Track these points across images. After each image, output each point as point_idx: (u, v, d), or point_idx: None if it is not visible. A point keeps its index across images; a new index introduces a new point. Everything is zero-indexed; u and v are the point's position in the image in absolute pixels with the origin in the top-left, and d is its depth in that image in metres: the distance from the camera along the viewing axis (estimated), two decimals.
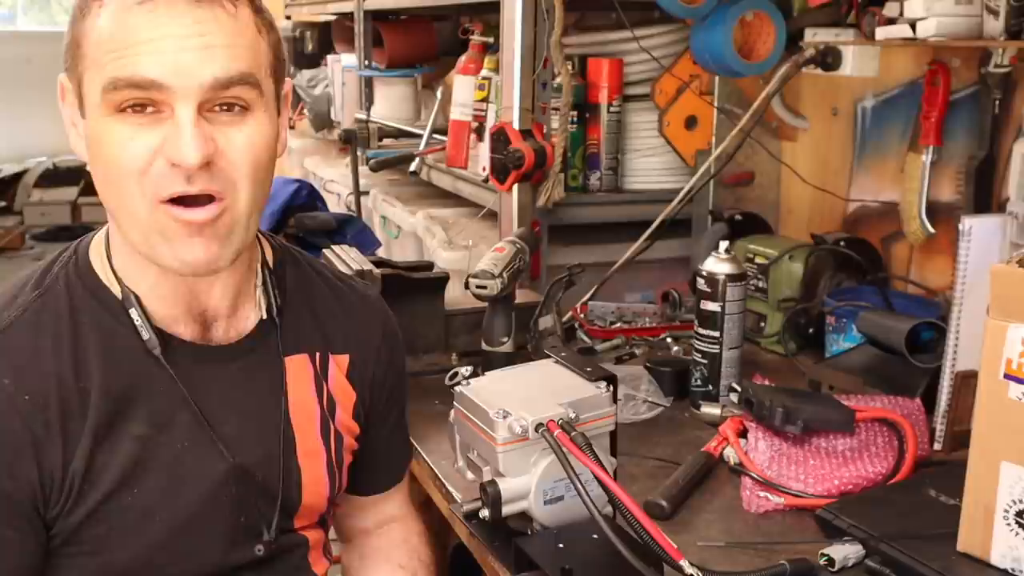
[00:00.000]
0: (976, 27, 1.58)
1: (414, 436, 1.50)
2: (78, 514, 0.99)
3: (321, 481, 1.14)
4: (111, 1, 0.93)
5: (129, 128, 0.93)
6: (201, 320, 1.06)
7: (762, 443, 1.35)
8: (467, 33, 2.60)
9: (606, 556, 1.00)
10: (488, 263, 1.67)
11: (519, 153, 1.98)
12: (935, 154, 1.79)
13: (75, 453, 0.98)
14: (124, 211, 0.97)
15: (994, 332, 1.02)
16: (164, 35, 0.91)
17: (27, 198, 6.79)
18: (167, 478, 1.02)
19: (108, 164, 0.95)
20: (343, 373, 1.17)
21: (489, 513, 1.08)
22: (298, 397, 1.12)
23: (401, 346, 1.27)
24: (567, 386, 1.15)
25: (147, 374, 1.02)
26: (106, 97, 0.92)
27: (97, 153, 0.96)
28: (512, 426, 1.06)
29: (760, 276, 1.88)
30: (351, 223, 2.50)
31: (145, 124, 0.93)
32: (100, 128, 0.94)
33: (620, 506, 0.98)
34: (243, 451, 1.06)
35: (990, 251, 1.35)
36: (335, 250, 1.75)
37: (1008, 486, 1.03)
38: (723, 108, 2.25)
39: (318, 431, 1.14)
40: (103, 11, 0.93)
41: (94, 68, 0.94)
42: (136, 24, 0.91)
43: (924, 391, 1.49)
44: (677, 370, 1.65)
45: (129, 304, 1.01)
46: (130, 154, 0.93)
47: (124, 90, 0.92)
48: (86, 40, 0.94)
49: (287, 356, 1.11)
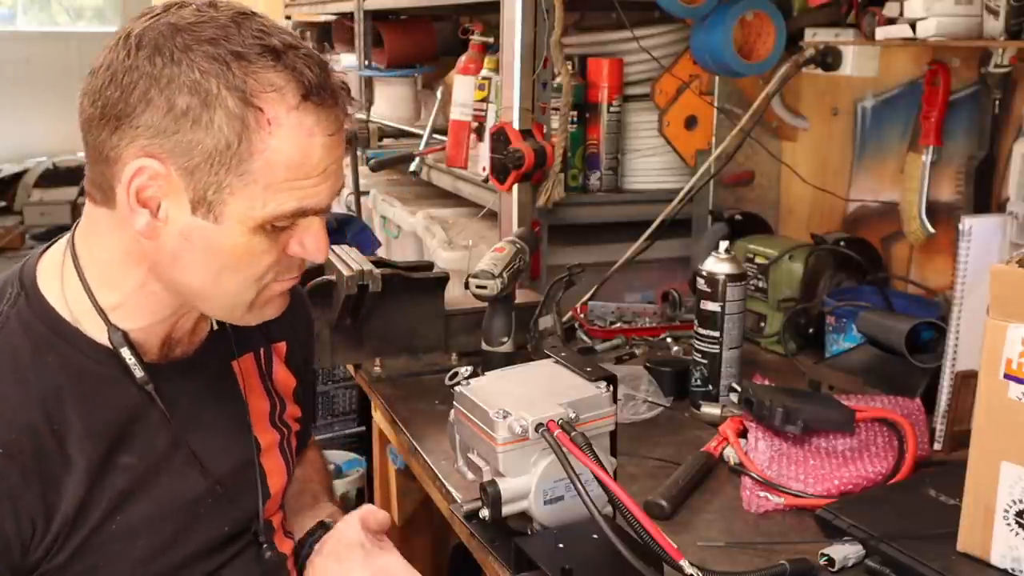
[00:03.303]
0: (976, 27, 1.58)
1: (414, 436, 1.50)
2: (65, 553, 0.97)
3: (281, 472, 1.18)
4: (286, 121, 0.91)
5: (267, 240, 0.96)
6: (168, 342, 1.07)
7: (762, 443, 1.35)
8: (467, 33, 2.59)
9: (606, 556, 1.00)
10: (488, 263, 1.67)
11: (519, 153, 1.98)
12: (935, 154, 1.79)
13: (61, 498, 0.96)
14: (219, 294, 0.99)
15: (994, 332, 1.02)
16: (335, 160, 0.96)
17: (27, 198, 6.79)
18: (151, 502, 1.02)
19: (236, 268, 0.97)
20: (282, 360, 1.21)
21: (489, 513, 1.08)
22: (253, 398, 1.15)
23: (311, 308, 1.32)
24: (567, 386, 1.15)
25: (127, 406, 1.01)
26: (274, 220, 0.94)
27: (217, 256, 0.95)
28: (512, 426, 1.06)
29: (760, 276, 1.88)
30: (351, 223, 2.50)
31: (281, 231, 0.97)
32: (242, 240, 0.94)
33: (620, 506, 0.98)
34: (218, 464, 1.08)
35: (990, 251, 1.35)
36: (335, 250, 1.74)
37: (1008, 486, 1.03)
38: (723, 108, 2.25)
39: (270, 426, 1.17)
40: (280, 132, 0.91)
41: (261, 187, 0.92)
42: (321, 155, 0.94)
43: (924, 391, 1.49)
44: (677, 370, 1.65)
45: (119, 343, 0.99)
46: (266, 262, 0.97)
47: (296, 218, 0.96)
48: (258, 156, 0.91)
49: (235, 360, 1.13)
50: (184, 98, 0.89)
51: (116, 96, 0.91)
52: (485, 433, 1.10)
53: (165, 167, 0.91)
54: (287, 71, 0.91)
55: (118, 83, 0.90)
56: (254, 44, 0.90)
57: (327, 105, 0.93)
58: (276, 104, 0.90)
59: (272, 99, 0.90)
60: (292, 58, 0.91)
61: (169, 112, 0.89)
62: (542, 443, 1.07)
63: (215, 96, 0.89)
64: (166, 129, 0.90)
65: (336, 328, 1.70)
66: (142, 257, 0.98)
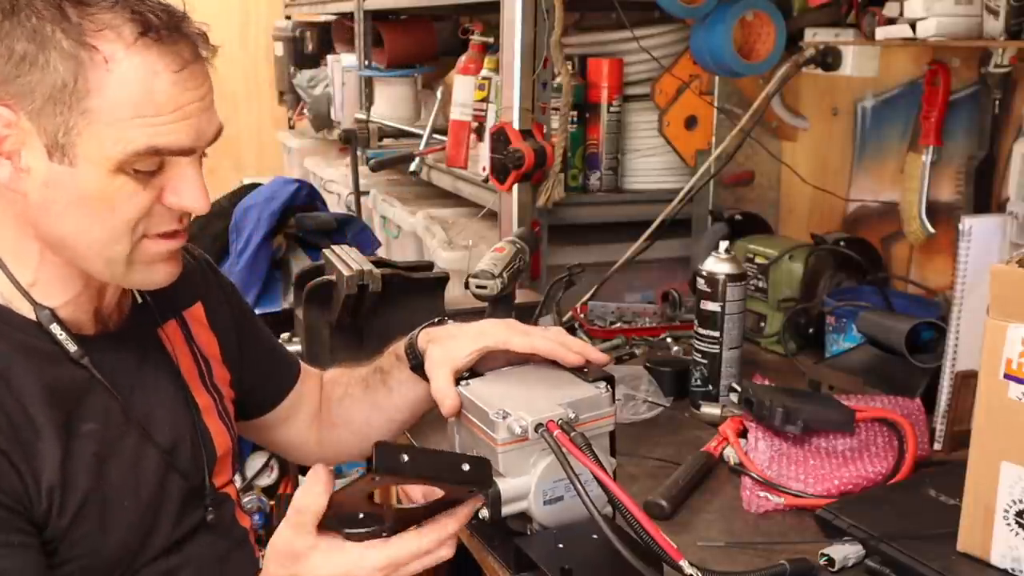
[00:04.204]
0: (976, 27, 1.58)
1: (414, 436, 1.50)
2: (65, 516, 1.00)
3: (222, 432, 1.20)
4: (125, 59, 0.93)
5: (134, 182, 0.96)
6: (100, 317, 1.09)
7: (762, 443, 1.35)
8: (467, 33, 2.60)
9: (606, 556, 1.00)
10: (488, 263, 1.67)
11: (519, 153, 1.98)
12: (935, 154, 1.79)
13: (42, 463, 0.98)
14: (98, 251, 0.99)
15: (994, 332, 1.02)
16: (191, 100, 0.96)
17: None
18: (124, 465, 1.06)
19: (102, 214, 0.97)
20: (203, 323, 1.23)
21: (489, 513, 1.08)
22: (183, 361, 1.18)
23: (221, 272, 1.33)
24: (566, 386, 1.15)
25: (75, 379, 1.03)
26: (127, 160, 0.94)
27: (82, 202, 0.96)
28: (512, 426, 1.06)
29: (760, 276, 1.88)
30: (351, 223, 2.51)
31: (149, 178, 0.97)
32: (103, 183, 0.95)
33: (620, 506, 0.98)
34: (166, 430, 1.11)
35: (990, 251, 1.35)
36: (335, 250, 1.74)
37: (1008, 486, 1.03)
38: (723, 108, 2.25)
39: (203, 389, 1.20)
40: (119, 68, 0.93)
41: (106, 126, 0.93)
42: (169, 91, 0.94)
43: (924, 391, 1.48)
44: (677, 370, 1.65)
45: (48, 320, 1.02)
46: (134, 205, 0.98)
47: (153, 157, 0.96)
48: (96, 94, 0.93)
49: (160, 328, 1.16)
50: (22, 44, 0.92)
51: None
52: (485, 433, 1.10)
53: (15, 114, 0.94)
54: (125, 11, 0.93)
55: None
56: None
57: (170, 41, 0.94)
58: (112, 42, 0.93)
59: (108, 37, 0.92)
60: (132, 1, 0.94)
61: (10, 59, 0.93)
62: (542, 443, 1.07)
63: (49, 38, 0.92)
64: (8, 76, 0.93)
65: (336, 328, 1.70)
66: (26, 220, 0.99)
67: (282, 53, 4.20)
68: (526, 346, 1.17)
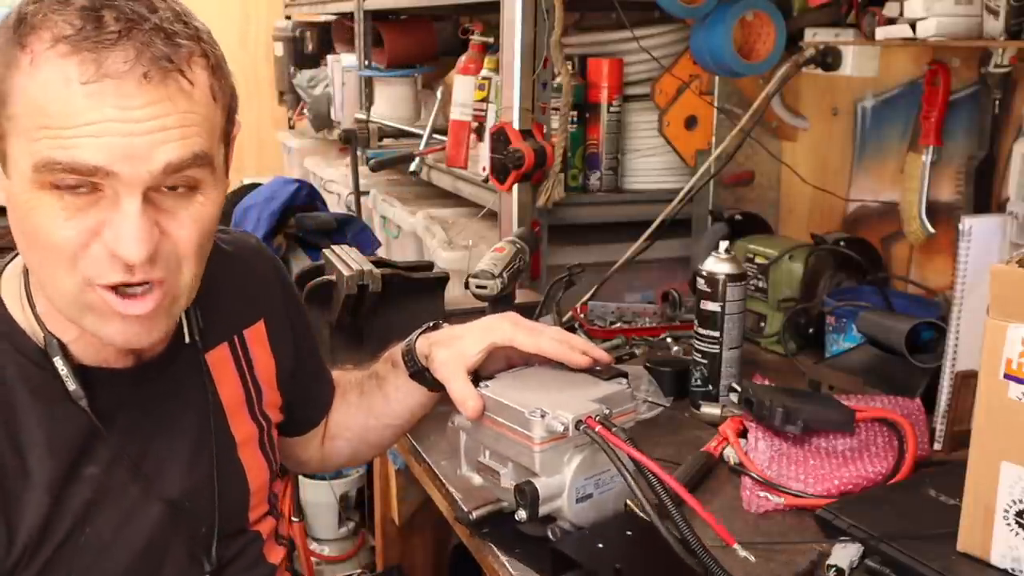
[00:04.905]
0: (976, 27, 1.58)
1: (414, 436, 1.50)
2: (35, 567, 0.94)
3: (261, 465, 1.14)
4: (45, 61, 0.81)
5: (62, 207, 0.83)
6: (135, 354, 1.01)
7: (762, 443, 1.35)
8: (467, 33, 2.60)
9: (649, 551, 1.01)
10: (488, 263, 1.67)
11: (519, 153, 1.98)
12: (935, 154, 1.79)
13: (23, 514, 0.92)
14: (50, 282, 0.89)
15: (994, 332, 1.02)
16: (110, 118, 0.81)
17: None
18: (119, 514, 0.99)
19: (35, 238, 0.85)
20: (263, 343, 1.15)
21: (527, 513, 1.06)
22: (228, 391, 1.09)
23: (289, 280, 1.24)
24: (587, 385, 1.14)
25: (80, 417, 0.96)
26: (36, 175, 0.83)
27: (21, 220, 0.86)
28: (551, 425, 1.05)
29: (760, 276, 1.88)
30: (351, 223, 2.51)
31: (82, 206, 0.84)
32: (27, 199, 0.84)
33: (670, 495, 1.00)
34: (177, 479, 1.03)
35: (990, 251, 1.35)
36: (335, 250, 1.74)
37: (1008, 486, 1.03)
38: (723, 108, 2.25)
39: (248, 417, 1.13)
40: (35, 71, 0.81)
41: (23, 135, 0.83)
42: (76, 104, 0.80)
43: (924, 391, 1.48)
44: (677, 370, 1.65)
45: (53, 352, 0.93)
46: (62, 235, 0.84)
47: (59, 173, 0.82)
48: (14, 98, 0.83)
49: (207, 352, 1.07)
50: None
51: None
52: (517, 433, 1.08)
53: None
54: (72, 13, 0.81)
55: None
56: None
57: (97, 49, 0.80)
58: (39, 43, 0.81)
59: (39, 38, 0.82)
60: (97, 3, 0.82)
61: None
62: (575, 441, 1.06)
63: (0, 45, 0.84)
64: None
65: (336, 328, 1.70)
66: None
67: (282, 53, 4.19)
68: (531, 346, 1.15)
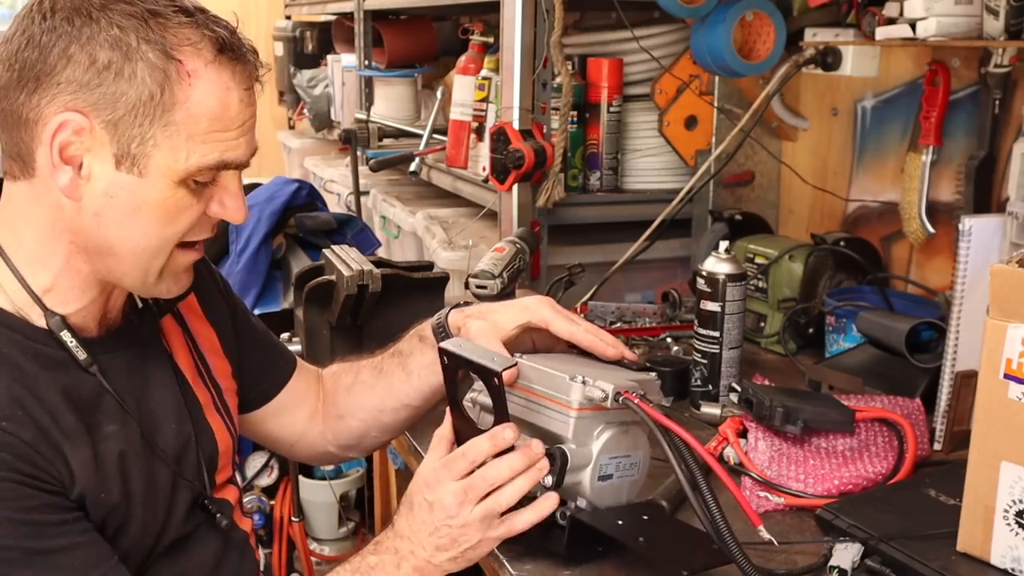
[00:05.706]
0: (976, 27, 1.58)
1: (414, 436, 1.50)
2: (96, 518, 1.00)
3: (223, 427, 1.19)
4: (205, 74, 0.95)
5: (191, 195, 0.99)
6: (104, 319, 1.09)
7: (762, 443, 1.35)
8: (467, 33, 2.60)
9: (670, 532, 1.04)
10: (488, 263, 1.67)
11: (519, 153, 1.98)
12: (935, 154, 1.79)
13: (71, 464, 0.97)
14: (135, 255, 1.00)
15: (994, 332, 1.02)
16: (250, 116, 1.01)
17: None
18: (143, 473, 1.06)
19: (157, 223, 0.99)
20: (199, 315, 1.22)
21: (554, 480, 1.05)
22: (181, 357, 1.17)
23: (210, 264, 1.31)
24: (619, 370, 1.14)
25: (87, 382, 1.03)
26: (196, 173, 0.97)
27: (140, 212, 0.98)
28: (591, 393, 1.05)
29: (760, 276, 1.88)
30: (351, 223, 2.50)
31: (203, 189, 1.00)
32: (165, 193, 0.97)
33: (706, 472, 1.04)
34: (171, 438, 1.11)
35: (990, 251, 1.35)
36: (335, 250, 1.74)
37: (1008, 486, 1.03)
38: (723, 108, 2.25)
39: (201, 383, 1.19)
40: (200, 83, 0.95)
41: (186, 140, 0.96)
42: (238, 108, 0.98)
43: (924, 391, 1.49)
44: (677, 370, 1.65)
45: (58, 327, 1.01)
46: (188, 216, 1.00)
47: (218, 170, 0.99)
48: (180, 107, 0.95)
49: (160, 322, 1.16)
50: (105, 52, 0.92)
51: (35, 57, 0.93)
52: (553, 400, 1.07)
53: (89, 121, 0.94)
54: (201, 28, 0.96)
55: (36, 44, 0.93)
56: (168, 4, 0.95)
57: (240, 61, 0.98)
58: (194, 57, 0.95)
59: (190, 52, 0.95)
60: (203, 18, 0.97)
61: (91, 67, 0.92)
62: (607, 417, 1.07)
63: (135, 49, 0.93)
64: (89, 83, 0.93)
65: (336, 328, 1.70)
66: (64, 227, 0.99)
67: (282, 53, 4.19)
68: (566, 332, 1.18)
